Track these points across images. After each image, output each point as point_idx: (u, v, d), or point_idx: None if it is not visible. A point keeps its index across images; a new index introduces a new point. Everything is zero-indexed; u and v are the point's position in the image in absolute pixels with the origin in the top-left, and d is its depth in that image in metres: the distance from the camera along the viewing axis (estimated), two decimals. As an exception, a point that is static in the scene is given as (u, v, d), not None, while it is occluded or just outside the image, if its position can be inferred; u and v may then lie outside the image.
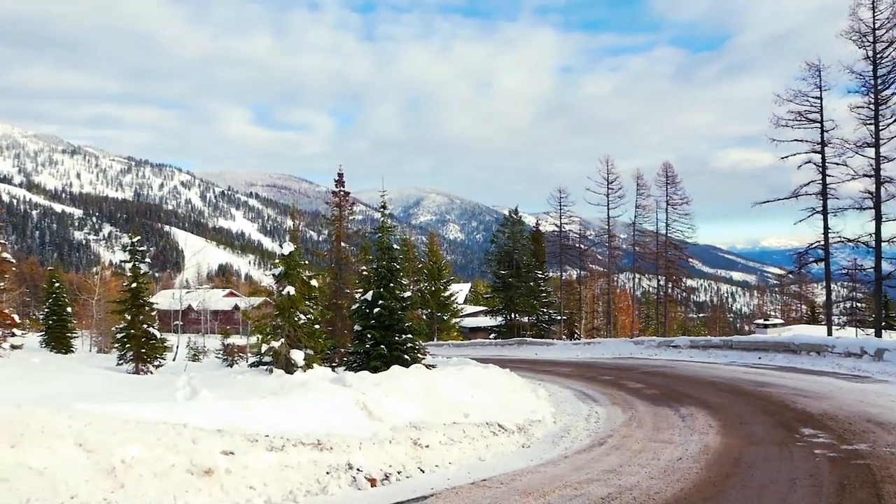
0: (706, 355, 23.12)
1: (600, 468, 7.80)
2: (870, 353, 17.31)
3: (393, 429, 8.41)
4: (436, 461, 8.02)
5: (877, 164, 27.17)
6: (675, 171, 45.12)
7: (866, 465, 7.53)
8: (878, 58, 27.20)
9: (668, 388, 14.73)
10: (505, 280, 48.00)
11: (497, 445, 9.06)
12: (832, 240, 28.93)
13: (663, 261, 45.82)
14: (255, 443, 6.93)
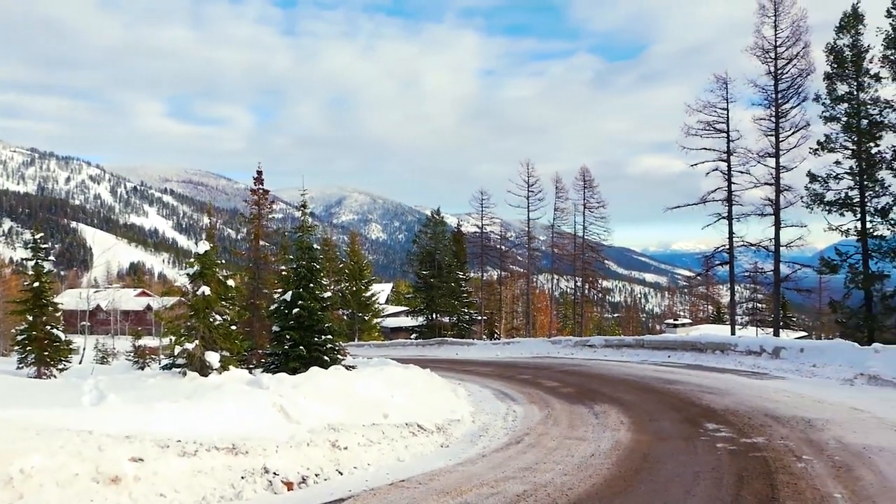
0: (620, 354, 23.91)
1: (517, 466, 7.96)
2: (768, 351, 18.37)
3: (311, 431, 8.31)
4: (354, 463, 7.98)
5: (777, 174, 28.88)
6: (593, 176, 46.54)
7: (763, 457, 8.00)
8: (778, 73, 28.89)
9: (584, 387, 15.16)
10: (426, 280, 48.19)
11: (416, 446, 9.09)
12: (736, 244, 30.52)
13: (580, 262, 47.13)
14: (165, 448, 6.70)
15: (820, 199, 28.51)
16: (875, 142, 27.87)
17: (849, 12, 28.55)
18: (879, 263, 27.86)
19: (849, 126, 28.04)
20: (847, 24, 28.43)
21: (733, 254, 30.77)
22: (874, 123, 27.79)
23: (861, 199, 27.96)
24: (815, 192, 28.66)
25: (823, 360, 16.40)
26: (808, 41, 28.64)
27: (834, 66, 28.45)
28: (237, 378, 10.59)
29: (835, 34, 28.68)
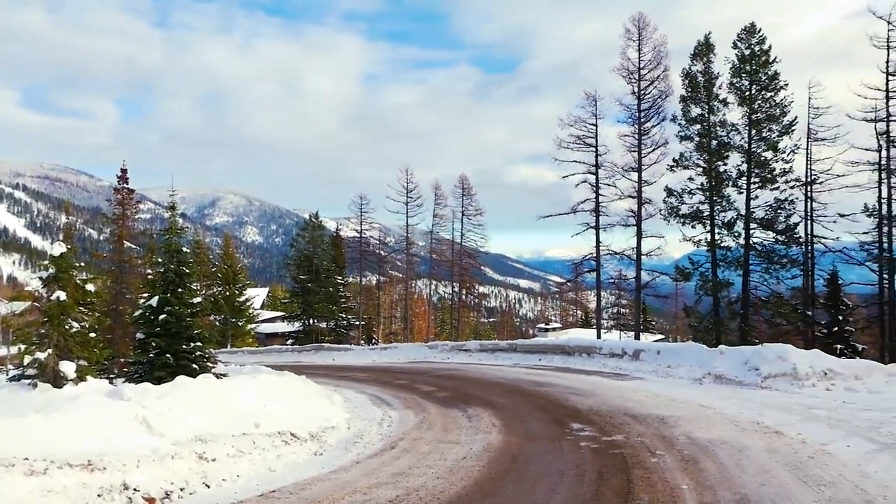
0: (494, 358, 24.56)
1: (390, 471, 8.04)
2: (629, 353, 19.58)
3: (176, 443, 7.97)
4: (223, 475, 7.74)
5: (639, 187, 30.88)
6: (471, 184, 47.59)
7: (621, 454, 8.54)
8: (641, 94, 30.93)
9: (458, 391, 15.48)
10: (304, 285, 47.30)
11: (289, 455, 8.94)
12: (602, 252, 32.30)
13: (458, 268, 48.01)
14: (10, 468, 6.20)
15: (676, 211, 30.79)
16: (723, 161, 30.50)
17: (702, 41, 31.08)
18: (726, 272, 30.48)
19: (701, 146, 30.48)
20: (700, 52, 30.92)
21: (600, 261, 32.51)
22: (722, 144, 30.40)
23: (711, 212, 30.46)
24: (671, 205, 30.92)
25: (677, 361, 17.67)
26: (667, 65, 30.89)
27: (689, 90, 30.86)
28: (95, 389, 9.95)
29: (690, 61, 31.13)
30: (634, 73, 31.03)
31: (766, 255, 30.17)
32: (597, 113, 32.03)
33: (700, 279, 30.61)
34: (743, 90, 30.36)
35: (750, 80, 30.21)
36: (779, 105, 29.85)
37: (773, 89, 29.99)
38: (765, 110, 30.03)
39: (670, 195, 31.14)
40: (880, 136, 28.30)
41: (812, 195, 30.21)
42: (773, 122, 29.95)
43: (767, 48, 30.32)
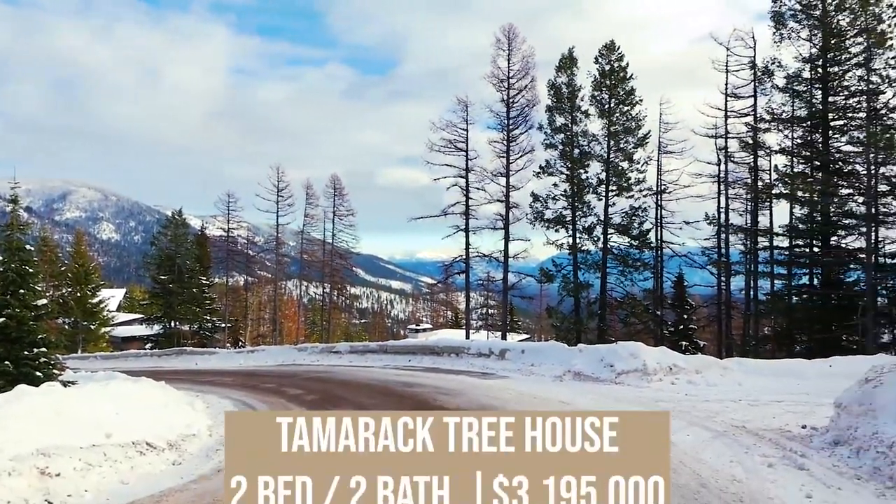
0: (364, 360, 24.48)
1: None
2: (496, 353, 20.24)
3: (14, 459, 7.34)
4: (69, 490, 7.22)
5: (507, 192, 31.98)
6: (343, 184, 47.22)
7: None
8: (510, 102, 32.06)
9: (327, 393, 15.32)
10: (165, 286, 44.87)
11: (144, 465, 8.49)
12: (472, 254, 33.12)
13: (329, 269, 47.43)
14: None
15: (541, 216, 32.22)
16: (584, 169, 32.26)
17: (566, 55, 32.70)
18: (586, 274, 32.25)
19: (564, 154, 32.07)
20: (565, 65, 32.52)
21: (469, 263, 33.32)
22: (584, 153, 32.15)
23: (573, 217, 32.12)
24: (537, 210, 32.31)
25: (540, 359, 18.47)
26: (534, 76, 32.24)
27: (554, 100, 32.37)
28: (-83, 402, 8.95)
29: (555, 72, 32.66)
30: (504, 81, 32.12)
31: (622, 258, 32.26)
32: (468, 118, 32.84)
33: (562, 281, 32.21)
34: (603, 103, 32.28)
35: (609, 94, 32.16)
36: (634, 119, 32.02)
37: (629, 104, 32.11)
38: (622, 123, 32.09)
39: (536, 200, 32.53)
40: (720, 152, 31.10)
41: (662, 203, 32.67)
42: (629, 135, 32.08)
43: (625, 65, 32.42)
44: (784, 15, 29.68)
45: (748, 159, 31.18)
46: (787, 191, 29.17)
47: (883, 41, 26.56)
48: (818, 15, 28.74)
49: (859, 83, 27.89)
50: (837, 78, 29.10)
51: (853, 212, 28.25)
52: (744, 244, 31.58)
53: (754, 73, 30.65)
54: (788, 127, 30.54)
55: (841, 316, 27.55)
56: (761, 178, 30.89)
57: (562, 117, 32.53)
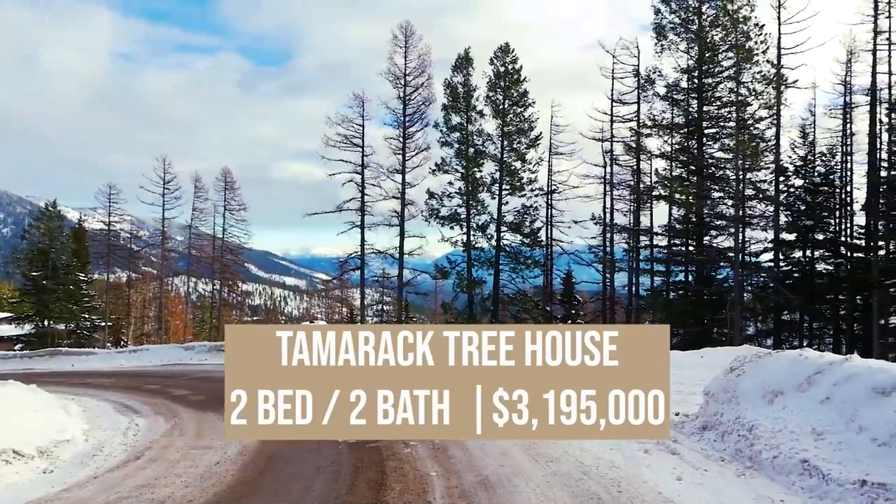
0: (256, 358, 23.90)
1: (133, 484, 7.53)
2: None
3: None
4: (-77, 505, 6.67)
5: (403, 189, 32.14)
6: (235, 178, 45.85)
7: (377, 447, 8.87)
8: (407, 99, 32.22)
9: (215, 393, 14.85)
10: (38, 282, 41.79)
11: (10, 475, 7.95)
12: (367, 251, 33.06)
13: (219, 264, 45.88)
14: None
15: (436, 213, 32.61)
16: (479, 168, 32.93)
17: (462, 55, 33.22)
18: (479, 271, 32.98)
19: (460, 152, 32.60)
20: (461, 65, 33.04)
21: (365, 259, 33.24)
22: (479, 152, 32.80)
23: (467, 215, 32.72)
24: (432, 207, 32.69)
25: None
26: (431, 74, 32.60)
27: (450, 99, 32.82)
28: None
29: (452, 72, 33.13)
30: (401, 78, 32.24)
31: (514, 255, 33.19)
32: (364, 114, 32.75)
33: (457, 277, 32.75)
34: (497, 104, 33.03)
35: (504, 95, 32.96)
36: (527, 120, 32.99)
37: (523, 105, 33.05)
38: (516, 124, 32.98)
39: (431, 198, 32.89)
40: (606, 155, 32.66)
41: (552, 203, 33.87)
42: (522, 136, 33.01)
43: (519, 67, 33.32)
44: (665, 28, 31.51)
45: (632, 162, 32.91)
46: (666, 193, 31.03)
47: (750, 57, 28.72)
48: (695, 30, 30.71)
49: (730, 95, 30.04)
50: (711, 89, 31.22)
51: (723, 214, 30.44)
52: (627, 243, 33.33)
53: (638, 80, 32.36)
54: (668, 133, 32.49)
55: (713, 310, 29.63)
56: (643, 180, 32.72)
57: (457, 116, 33.01)
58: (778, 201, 30.44)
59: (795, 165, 31.83)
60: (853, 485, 6.26)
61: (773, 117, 30.27)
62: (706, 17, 30.67)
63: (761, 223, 30.58)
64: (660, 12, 31.64)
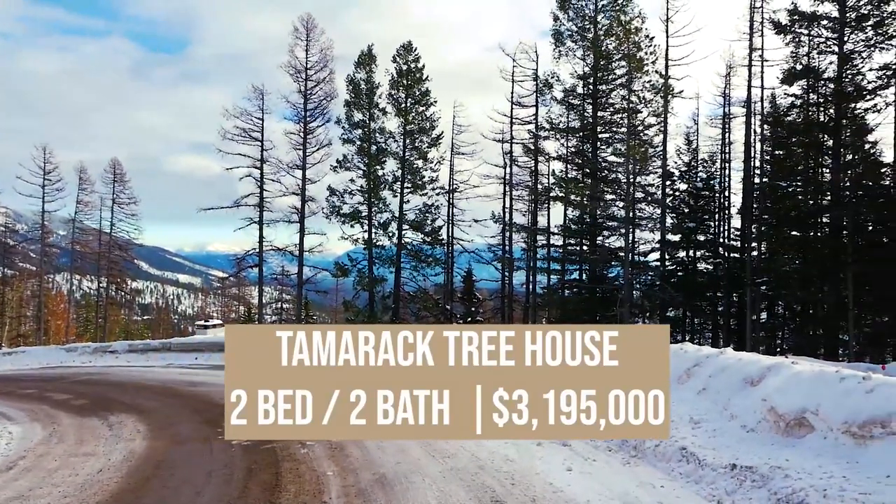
0: (145, 359, 22.94)
1: (4, 497, 7.06)
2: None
3: None
4: None
5: (303, 185, 31.60)
6: (125, 169, 43.58)
7: (273, 448, 8.73)
8: (308, 93, 31.69)
9: (100, 397, 14.14)
10: None
11: None
12: (266, 248, 32.26)
13: (106, 261, 43.54)
14: None
15: (338, 210, 32.29)
16: (381, 166, 32.90)
17: (365, 52, 33.05)
18: (381, 269, 32.95)
19: (362, 149, 32.43)
20: (364, 61, 32.86)
21: (263, 256, 32.44)
22: (381, 150, 32.75)
23: (369, 213, 32.61)
24: (333, 204, 32.35)
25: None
26: (333, 69, 32.19)
27: (352, 96, 32.59)
28: None
29: (354, 68, 32.89)
30: (302, 72, 31.65)
31: (415, 254, 33.39)
32: (263, 107, 31.92)
33: (358, 275, 32.57)
34: (400, 102, 33.09)
35: (406, 93, 33.05)
36: (429, 119, 33.23)
37: (425, 104, 33.26)
38: (418, 123, 33.15)
39: (333, 194, 32.53)
40: (506, 156, 33.40)
41: (453, 202, 34.31)
42: (424, 135, 33.23)
43: (422, 66, 33.50)
44: (563, 34, 32.62)
45: (530, 164, 33.83)
46: (562, 194, 32.11)
47: (641, 67, 30.20)
48: (591, 38, 31.95)
49: (622, 102, 31.46)
50: (605, 95, 32.59)
51: (615, 215, 31.87)
52: (525, 242, 34.23)
53: (537, 84, 33.29)
54: (564, 136, 33.68)
55: (604, 307, 30.96)
56: (541, 181, 33.72)
57: (360, 113, 32.81)
58: (664, 204, 32.17)
59: (680, 171, 33.78)
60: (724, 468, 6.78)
61: (661, 125, 31.97)
62: (601, 27, 31.97)
63: (649, 224, 32.28)
64: (558, 19, 32.72)
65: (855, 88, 28.74)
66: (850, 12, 28.51)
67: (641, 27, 30.99)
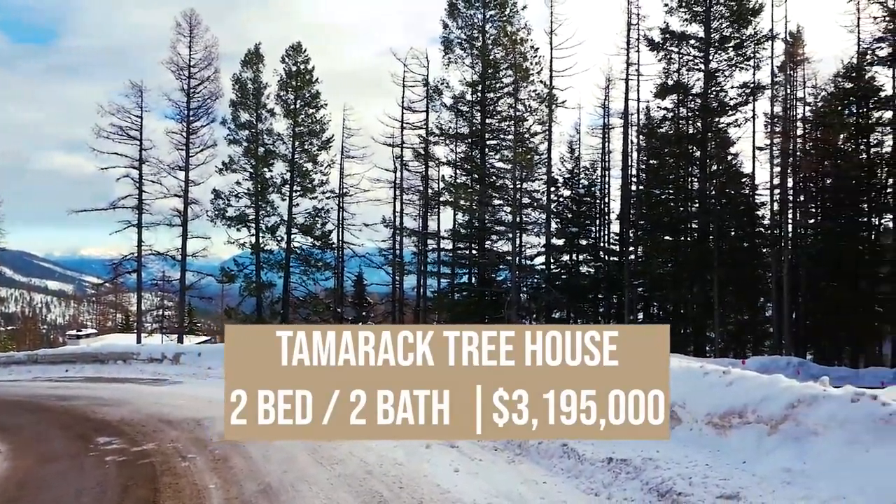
0: (8, 372, 21.34)
1: None
2: (169, 357, 19.23)
3: None
4: None
5: (186, 187, 30.35)
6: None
7: (151, 463, 8.38)
8: (192, 92, 30.49)
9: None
10: None
11: None
12: (145, 252, 30.69)
13: (-39, 267, 39.84)
14: None
15: (223, 213, 31.31)
16: (269, 168, 32.23)
17: (252, 50, 32.30)
18: (269, 274, 32.25)
19: (249, 151, 31.64)
20: (251, 60, 32.09)
21: (142, 262, 30.85)
22: (269, 152, 32.08)
23: (256, 216, 31.85)
24: (219, 207, 31.34)
25: (219, 361, 17.98)
26: (218, 67, 31.15)
27: (238, 96, 31.74)
28: None
29: (241, 67, 32.02)
30: (185, 69, 30.43)
31: (305, 258, 32.91)
32: (143, 105, 30.35)
33: (245, 280, 31.70)
34: (289, 103, 32.54)
35: (295, 95, 32.56)
36: (319, 122, 32.91)
37: (315, 106, 32.90)
38: (307, 125, 32.73)
39: (218, 197, 31.49)
40: (396, 160, 33.59)
41: (344, 206, 34.11)
42: (314, 137, 32.85)
43: (311, 68, 33.09)
44: (452, 42, 33.22)
45: (420, 169, 34.17)
46: (452, 199, 32.69)
47: (527, 76, 31.28)
48: (479, 46, 32.74)
49: (509, 110, 32.44)
50: (493, 103, 33.49)
51: (503, 220, 32.81)
52: (416, 246, 34.53)
53: (427, 90, 33.68)
54: (454, 142, 34.31)
55: (493, 309, 31.79)
56: (431, 186, 34.13)
57: (247, 113, 31.97)
58: (549, 210, 33.46)
59: (564, 178, 35.27)
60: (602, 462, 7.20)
61: (546, 133, 33.25)
62: (489, 36, 32.82)
63: (535, 229, 33.52)
64: (448, 27, 33.28)
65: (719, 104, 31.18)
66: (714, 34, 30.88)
67: (527, 38, 32.14)
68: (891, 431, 5.83)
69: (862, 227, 31.06)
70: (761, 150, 31.52)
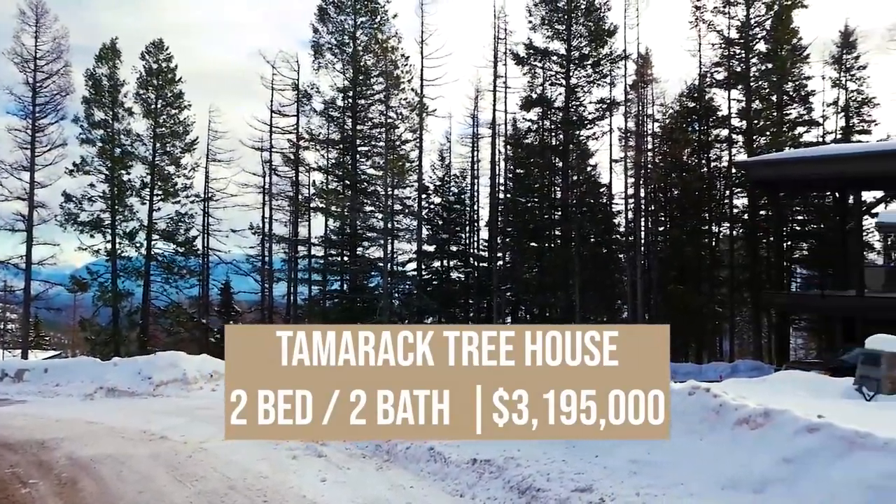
0: None
1: None
2: (10, 374, 17.68)
3: None
4: None
5: (31, 189, 28.07)
6: None
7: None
8: (38, 86, 28.28)
9: None
10: None
11: None
12: None
13: None
14: None
15: (74, 218, 29.25)
16: (127, 170, 30.46)
17: (108, 45, 30.42)
18: (127, 282, 30.43)
19: (104, 152, 29.77)
20: (106, 55, 30.23)
21: (-22, 271, 28.20)
22: (126, 153, 30.34)
23: (112, 221, 29.99)
24: (70, 211, 29.25)
25: (68, 377, 16.83)
26: (69, 62, 29.09)
27: (92, 92, 29.81)
28: None
29: (95, 62, 30.08)
30: (30, 61, 28.19)
31: (167, 265, 31.37)
32: (-22, 99, 27.78)
33: (99, 290, 29.75)
34: (149, 102, 30.96)
35: (156, 94, 31.02)
36: (182, 123, 31.52)
37: (177, 107, 31.48)
38: (169, 126, 31.26)
39: (69, 200, 29.35)
40: (265, 164, 32.80)
41: (209, 211, 32.83)
42: (176, 139, 31.42)
43: (174, 66, 31.66)
44: (322, 47, 32.97)
45: (291, 174, 33.56)
46: (323, 205, 32.40)
47: (398, 84, 31.65)
48: (350, 53, 32.72)
49: (380, 117, 32.66)
50: (364, 110, 33.57)
51: (375, 227, 32.94)
52: (286, 253, 33.84)
53: (297, 94, 33.17)
54: (325, 147, 34.03)
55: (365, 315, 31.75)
56: (301, 192, 33.63)
57: (102, 112, 30.01)
58: (420, 216, 33.98)
59: (435, 185, 35.93)
60: (467, 464, 7.49)
61: (417, 141, 33.77)
62: (360, 43, 32.86)
63: (406, 236, 33.86)
64: (318, 31, 32.96)
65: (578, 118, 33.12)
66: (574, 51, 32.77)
67: (398, 46, 32.50)
68: (720, 421, 6.56)
69: (704, 234, 34.13)
70: (617, 161, 33.79)
